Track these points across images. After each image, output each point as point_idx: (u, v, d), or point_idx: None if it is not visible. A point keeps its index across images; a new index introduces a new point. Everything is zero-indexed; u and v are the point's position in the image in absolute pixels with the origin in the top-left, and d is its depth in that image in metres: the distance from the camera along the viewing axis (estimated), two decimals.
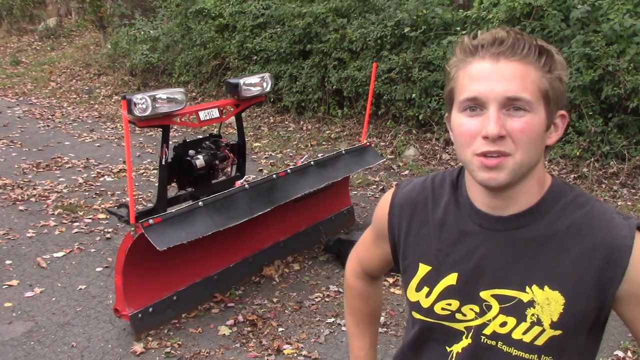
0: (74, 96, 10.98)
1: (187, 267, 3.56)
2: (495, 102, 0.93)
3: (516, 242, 1.01)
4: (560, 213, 1.00)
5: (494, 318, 1.02)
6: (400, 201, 1.16)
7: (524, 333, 1.00)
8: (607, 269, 0.95)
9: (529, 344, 0.99)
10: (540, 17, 6.24)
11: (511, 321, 1.01)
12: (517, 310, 1.00)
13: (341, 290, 3.87)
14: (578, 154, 5.86)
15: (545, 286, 0.98)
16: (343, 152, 4.44)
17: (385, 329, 3.42)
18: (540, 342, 0.99)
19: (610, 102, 5.82)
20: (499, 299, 1.01)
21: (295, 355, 3.17)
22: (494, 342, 1.03)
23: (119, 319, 3.37)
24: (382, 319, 3.51)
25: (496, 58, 0.93)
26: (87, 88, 11.26)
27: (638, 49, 5.59)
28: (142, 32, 11.00)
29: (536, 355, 1.00)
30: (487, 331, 1.03)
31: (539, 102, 0.94)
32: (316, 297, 3.79)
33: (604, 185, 5.63)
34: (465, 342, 1.06)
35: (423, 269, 1.10)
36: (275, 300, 3.76)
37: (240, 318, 3.51)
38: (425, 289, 1.09)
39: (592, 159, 5.81)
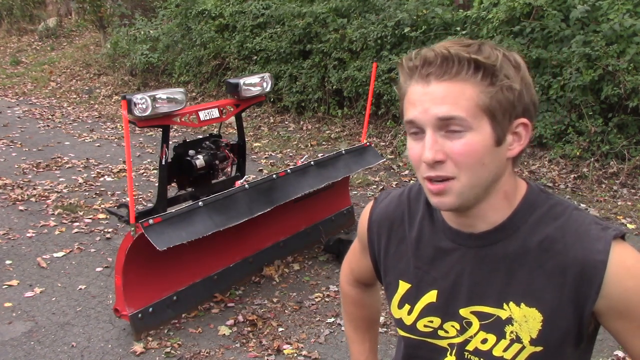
0: (74, 96, 10.98)
1: (187, 267, 3.56)
2: (429, 125, 0.90)
3: (490, 259, 0.98)
4: (533, 227, 0.97)
5: (475, 335, 1.01)
6: (377, 217, 1.14)
7: (505, 350, 0.98)
8: (581, 285, 0.92)
9: None
10: (540, 17, 6.24)
11: (491, 338, 0.99)
12: (496, 327, 0.98)
13: None
14: (578, 154, 5.86)
15: (522, 303, 0.96)
16: (343, 152, 4.44)
17: (385, 329, 3.42)
18: (521, 358, 0.97)
19: (610, 102, 5.82)
20: (479, 315, 1.00)
21: (295, 355, 3.17)
22: (477, 359, 1.02)
23: (119, 319, 3.37)
24: (382, 319, 3.52)
25: (427, 80, 0.91)
26: (87, 88, 11.26)
27: (638, 49, 5.59)
28: (142, 32, 11.00)
29: None
30: (470, 347, 1.02)
31: (479, 119, 0.89)
32: (316, 297, 3.79)
33: (604, 185, 5.63)
34: (450, 358, 1.05)
35: (403, 287, 1.08)
36: (275, 300, 3.76)
37: (240, 318, 3.51)
38: (407, 307, 1.07)
39: (592, 159, 5.81)
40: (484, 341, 1.00)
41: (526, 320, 0.96)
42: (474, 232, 0.99)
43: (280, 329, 3.42)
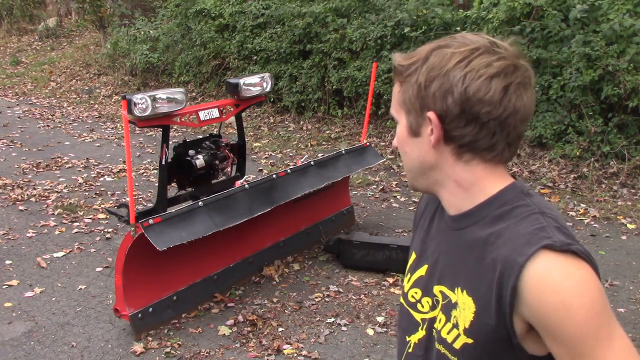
0: (74, 96, 10.98)
1: (187, 267, 3.56)
2: None
3: (459, 243, 1.02)
4: (492, 220, 0.97)
5: (438, 314, 1.06)
6: (425, 196, 1.25)
7: (448, 333, 1.01)
8: (501, 285, 0.91)
9: (450, 344, 1.01)
10: (540, 17, 6.24)
11: (443, 319, 1.03)
12: (448, 309, 1.02)
13: (341, 290, 3.88)
14: (578, 154, 5.86)
15: (465, 290, 0.99)
16: (343, 152, 4.44)
17: (385, 329, 3.42)
18: (457, 345, 0.99)
19: (610, 102, 5.82)
20: (442, 295, 1.05)
21: (295, 355, 3.17)
22: (436, 336, 1.06)
23: (119, 319, 3.37)
24: (382, 319, 3.52)
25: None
26: (87, 88, 11.26)
27: (638, 49, 5.59)
28: (142, 32, 10.99)
29: (456, 359, 0.99)
30: (436, 325, 1.05)
31: (399, 113, 1.03)
32: (316, 297, 3.79)
33: (604, 185, 5.63)
34: (420, 333, 1.09)
35: (413, 257, 1.17)
36: (275, 300, 3.76)
37: (240, 318, 3.51)
38: (409, 275, 1.15)
39: (592, 159, 5.81)
40: (440, 321, 1.04)
41: (464, 307, 0.98)
42: (450, 215, 1.05)
43: (280, 329, 3.42)
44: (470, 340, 0.97)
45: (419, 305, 1.10)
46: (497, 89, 0.92)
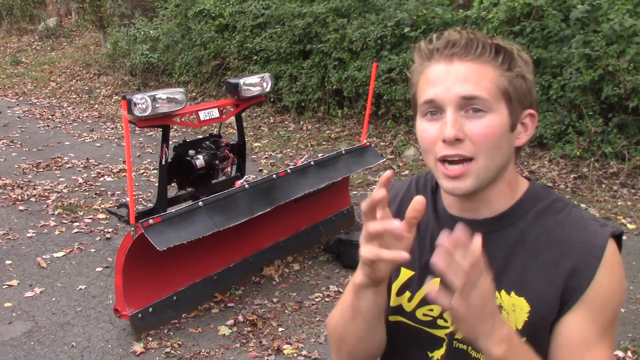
0: (74, 96, 10.98)
1: (187, 267, 3.56)
2: (451, 103, 0.91)
3: (490, 247, 0.96)
4: (534, 218, 0.99)
5: None
6: (398, 196, 1.16)
7: None
8: (572, 279, 0.93)
9: None
10: (540, 17, 6.24)
11: None
12: None
13: (341, 290, 3.87)
14: (578, 154, 5.86)
15: (512, 292, 0.97)
16: (343, 152, 4.44)
17: None
18: None
19: (610, 102, 5.82)
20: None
21: (295, 355, 3.17)
22: (465, 347, 1.02)
23: (119, 319, 3.37)
24: None
25: (450, 59, 0.92)
26: (87, 88, 11.26)
27: (638, 49, 5.59)
28: (142, 32, 10.99)
29: None
30: (459, 335, 1.01)
31: (499, 101, 0.92)
32: (316, 297, 3.79)
33: (604, 185, 5.63)
34: (444, 349, 1.05)
35: (405, 274, 1.08)
36: (275, 300, 3.76)
37: (240, 318, 3.51)
38: (408, 294, 1.07)
39: (592, 159, 5.81)
40: None
41: (514, 309, 0.97)
42: (477, 219, 1.00)
43: (280, 329, 3.42)
44: (522, 339, 0.96)
45: (440, 321, 1.04)
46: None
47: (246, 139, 4.79)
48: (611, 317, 0.96)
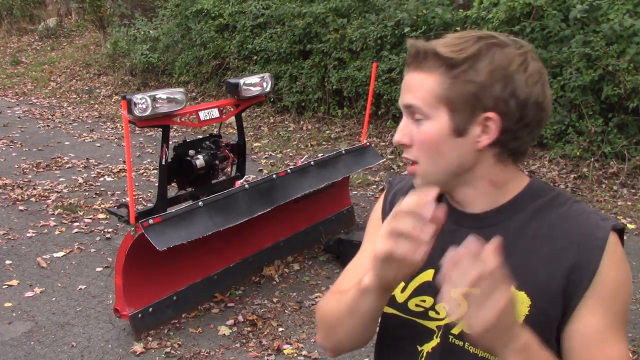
0: (74, 96, 10.98)
1: (187, 267, 3.56)
2: (403, 111, 0.99)
3: (488, 240, 0.97)
4: (534, 213, 0.99)
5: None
6: (393, 191, 1.17)
7: None
8: (574, 273, 0.93)
9: None
10: (540, 17, 6.24)
11: None
12: None
13: None
14: (578, 154, 5.86)
15: (511, 286, 0.95)
16: (343, 152, 4.44)
17: None
18: None
19: (610, 102, 5.82)
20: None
21: (295, 355, 3.17)
22: (461, 343, 1.01)
23: (119, 319, 3.37)
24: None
25: (408, 69, 0.98)
26: (87, 88, 11.26)
27: (638, 49, 5.59)
28: (142, 32, 10.99)
29: None
30: (455, 330, 1.01)
31: (436, 108, 0.94)
32: (316, 297, 3.79)
33: (604, 185, 5.63)
34: (435, 341, 1.04)
35: None
36: (275, 300, 3.76)
37: (240, 318, 3.51)
38: (401, 284, 1.07)
39: (592, 159, 5.81)
40: None
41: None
42: (475, 212, 1.02)
43: (280, 329, 3.42)
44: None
45: (431, 313, 1.04)
46: (548, 96, 0.96)
47: (246, 139, 4.79)
48: (623, 308, 0.95)
